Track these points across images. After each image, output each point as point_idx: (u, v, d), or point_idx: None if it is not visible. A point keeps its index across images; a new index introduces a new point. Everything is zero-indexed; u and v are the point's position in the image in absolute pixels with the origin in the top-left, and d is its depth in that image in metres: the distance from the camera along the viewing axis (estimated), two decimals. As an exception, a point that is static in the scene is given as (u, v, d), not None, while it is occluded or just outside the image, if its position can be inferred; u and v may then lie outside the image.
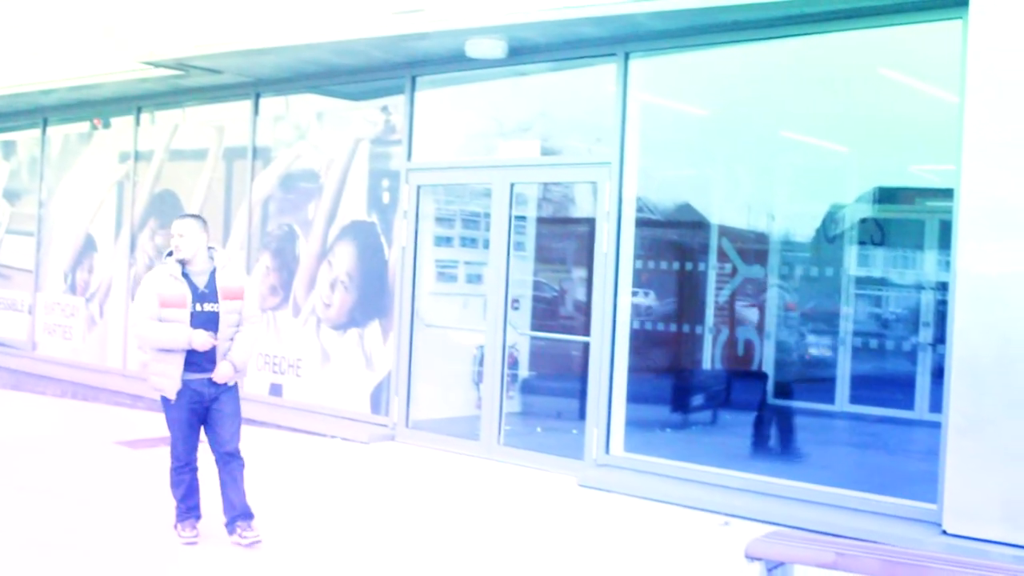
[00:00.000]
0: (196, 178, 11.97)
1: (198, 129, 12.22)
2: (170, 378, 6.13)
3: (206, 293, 6.16)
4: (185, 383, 6.14)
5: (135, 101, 12.61)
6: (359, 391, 10.17)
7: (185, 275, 6.16)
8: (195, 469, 6.37)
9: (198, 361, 6.13)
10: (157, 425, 9.52)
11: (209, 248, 6.28)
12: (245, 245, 11.24)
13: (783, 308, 8.30)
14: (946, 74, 6.85)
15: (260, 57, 9.95)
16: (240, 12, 9.92)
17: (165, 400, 6.23)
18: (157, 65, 10.63)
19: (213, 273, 6.23)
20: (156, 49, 10.40)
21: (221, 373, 6.19)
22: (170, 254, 6.23)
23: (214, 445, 6.29)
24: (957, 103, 6.63)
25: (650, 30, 7.97)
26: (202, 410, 6.24)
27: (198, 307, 6.11)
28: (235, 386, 6.36)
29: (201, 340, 6.04)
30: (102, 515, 6.93)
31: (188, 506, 6.38)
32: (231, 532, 6.22)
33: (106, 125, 13.52)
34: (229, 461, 6.25)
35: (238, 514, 6.21)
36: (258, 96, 11.28)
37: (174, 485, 6.36)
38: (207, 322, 6.12)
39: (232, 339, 6.25)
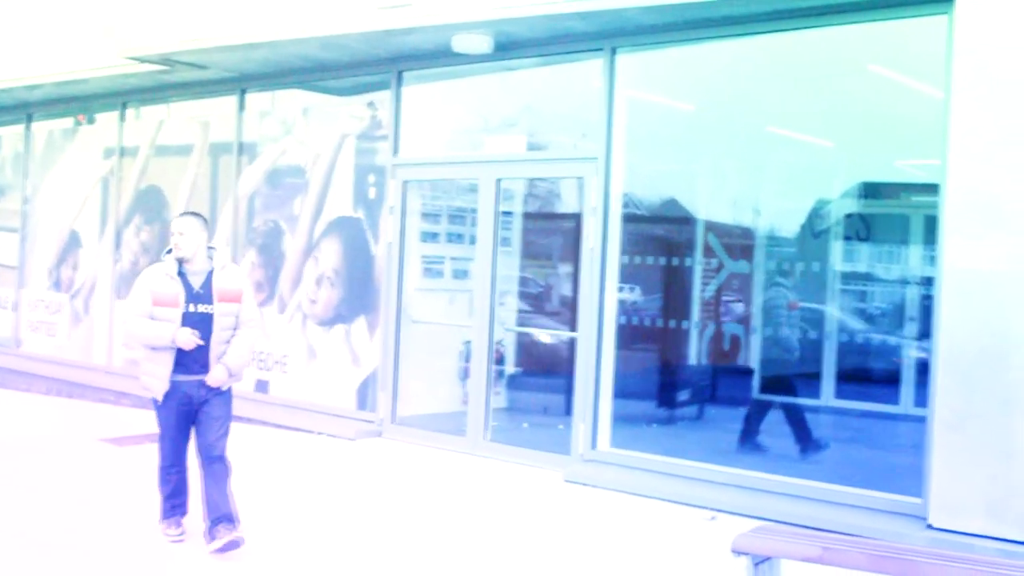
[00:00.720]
0: (181, 174, 11.92)
1: (183, 125, 12.17)
2: (159, 378, 6.04)
3: (201, 294, 6.05)
4: (175, 384, 6.04)
5: (120, 97, 12.56)
6: (345, 387, 10.15)
7: (181, 274, 6.05)
8: (184, 469, 6.31)
9: (188, 363, 6.03)
10: (143, 422, 9.51)
11: (209, 248, 6.17)
12: (231, 241, 11.20)
13: (784, 307, 8.29)
14: (932, 69, 6.86)
15: (246, 52, 9.91)
16: (226, 7, 9.87)
17: (155, 400, 6.15)
18: (142, 60, 10.59)
19: (211, 274, 6.11)
20: (141, 44, 10.35)
21: (215, 377, 6.07)
22: (169, 252, 6.13)
23: (200, 448, 6.15)
24: (943, 98, 6.65)
25: (637, 25, 7.98)
26: (192, 412, 6.13)
27: (191, 308, 6.00)
28: (228, 390, 6.23)
29: (184, 338, 5.92)
30: (87, 513, 6.89)
31: (174, 504, 6.32)
32: (212, 538, 5.95)
33: (90, 121, 13.45)
34: (213, 463, 6.09)
35: (220, 516, 5.98)
36: (244, 92, 11.24)
37: (162, 483, 6.30)
38: (199, 323, 5.99)
39: (228, 342, 6.13)
